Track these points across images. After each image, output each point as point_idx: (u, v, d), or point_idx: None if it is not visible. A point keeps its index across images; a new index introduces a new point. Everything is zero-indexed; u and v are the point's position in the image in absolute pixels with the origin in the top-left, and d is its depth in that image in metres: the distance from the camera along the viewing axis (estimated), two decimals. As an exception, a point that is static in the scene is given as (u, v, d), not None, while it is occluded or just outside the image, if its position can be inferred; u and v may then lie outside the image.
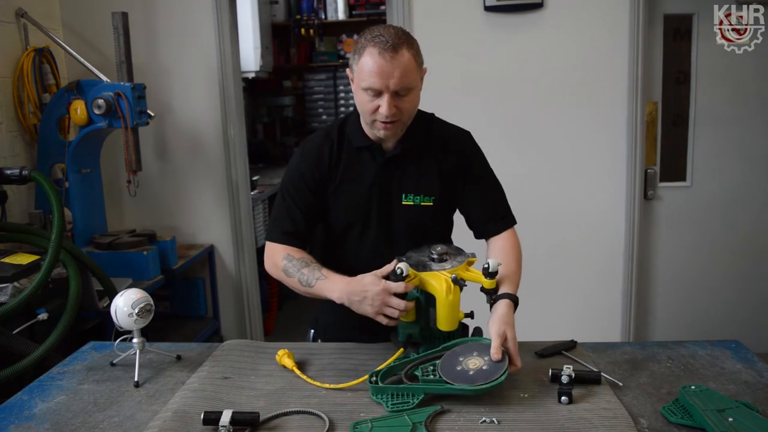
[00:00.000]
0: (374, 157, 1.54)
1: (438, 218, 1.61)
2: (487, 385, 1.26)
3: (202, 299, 3.35)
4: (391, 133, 1.48)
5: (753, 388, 1.32)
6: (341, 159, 1.55)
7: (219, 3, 3.09)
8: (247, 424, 1.20)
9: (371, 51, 1.38)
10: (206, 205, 3.30)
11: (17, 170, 2.47)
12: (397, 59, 1.37)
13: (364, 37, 1.42)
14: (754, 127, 3.06)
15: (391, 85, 1.39)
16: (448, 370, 1.32)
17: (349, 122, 1.58)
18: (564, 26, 2.96)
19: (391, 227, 1.56)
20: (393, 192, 1.55)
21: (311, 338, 1.77)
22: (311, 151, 1.56)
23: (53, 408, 1.34)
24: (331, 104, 5.65)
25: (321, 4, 5.47)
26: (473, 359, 1.33)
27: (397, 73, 1.38)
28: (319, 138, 1.58)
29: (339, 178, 1.54)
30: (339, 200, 1.55)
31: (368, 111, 1.44)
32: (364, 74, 1.40)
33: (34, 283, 2.16)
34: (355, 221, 1.56)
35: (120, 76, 2.77)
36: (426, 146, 1.56)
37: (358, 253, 1.58)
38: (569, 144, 3.05)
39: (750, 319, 3.18)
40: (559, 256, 3.13)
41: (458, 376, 1.29)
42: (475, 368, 1.30)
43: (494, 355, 1.30)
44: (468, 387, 1.27)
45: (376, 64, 1.38)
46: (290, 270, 1.49)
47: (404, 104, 1.43)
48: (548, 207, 3.09)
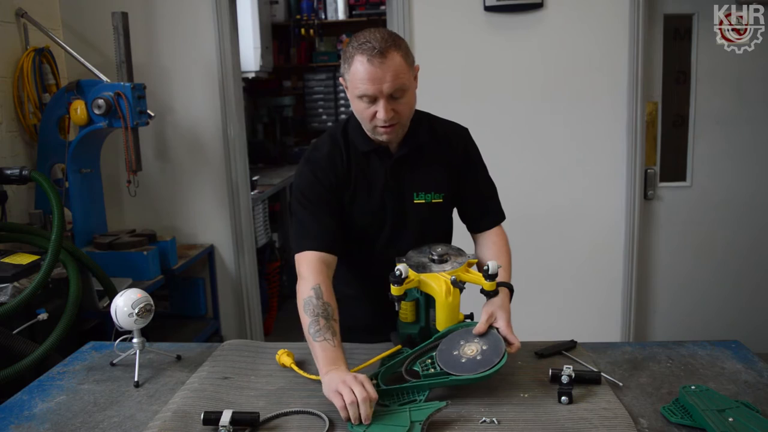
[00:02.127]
0: (382, 160, 1.54)
1: (446, 214, 1.64)
2: (489, 372, 1.27)
3: (202, 299, 3.35)
4: (393, 136, 1.48)
5: (753, 388, 1.32)
6: (351, 165, 1.54)
7: (219, 3, 3.08)
8: (247, 424, 1.20)
9: (360, 59, 1.38)
10: (206, 205, 3.30)
11: (17, 170, 2.48)
12: (386, 63, 1.37)
13: (352, 45, 1.41)
14: (755, 127, 3.06)
15: (385, 90, 1.38)
16: (447, 360, 1.32)
17: (350, 127, 1.57)
18: (564, 26, 2.95)
19: (404, 227, 1.58)
20: (405, 192, 1.56)
21: None
22: (323, 158, 1.54)
23: (53, 408, 1.34)
24: (331, 104, 5.65)
25: (321, 4, 5.47)
26: (469, 345, 1.34)
27: (389, 76, 1.37)
28: (327, 145, 1.56)
29: (353, 184, 1.54)
30: (354, 206, 1.55)
31: (367, 118, 1.44)
32: (356, 82, 1.40)
33: (34, 283, 2.16)
34: (370, 225, 1.57)
35: (120, 76, 2.76)
36: (430, 144, 1.58)
37: (369, 255, 1.59)
38: (569, 144, 3.04)
39: (750, 319, 3.18)
40: (559, 256, 3.13)
41: (458, 365, 1.30)
42: (472, 355, 1.31)
43: (476, 329, 1.34)
44: (471, 376, 1.27)
45: (366, 71, 1.37)
46: (307, 310, 1.37)
47: (401, 106, 1.43)
48: (548, 207, 3.09)
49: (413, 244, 1.53)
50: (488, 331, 1.35)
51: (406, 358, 1.37)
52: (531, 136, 3.05)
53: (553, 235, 3.11)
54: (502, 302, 1.40)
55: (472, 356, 1.31)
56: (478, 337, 1.35)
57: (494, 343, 1.32)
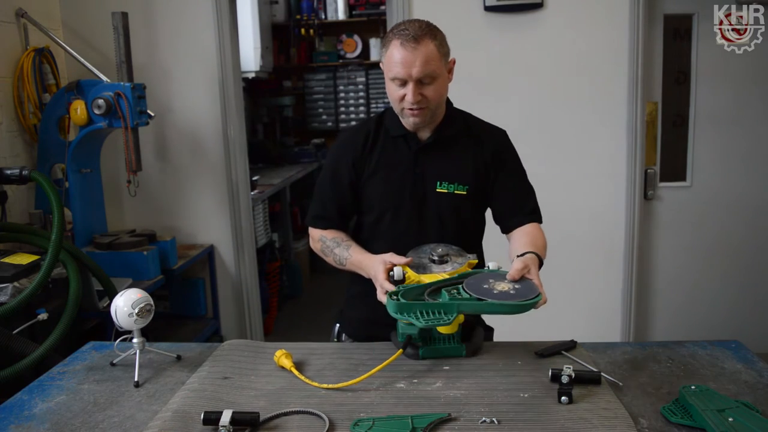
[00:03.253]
0: (409, 145, 1.61)
1: (469, 209, 1.64)
2: (527, 302, 1.26)
3: (202, 299, 3.35)
4: (420, 120, 1.54)
5: (753, 388, 1.32)
6: (376, 146, 1.62)
7: (219, 3, 3.09)
8: (247, 424, 1.20)
9: (395, 43, 1.48)
10: (206, 205, 3.30)
11: (17, 170, 2.48)
12: (419, 49, 1.46)
13: (392, 31, 1.51)
14: (755, 127, 3.06)
15: (414, 74, 1.46)
16: (478, 290, 1.31)
17: (387, 114, 1.65)
18: (564, 26, 2.95)
19: (424, 214, 1.60)
20: (427, 179, 1.60)
21: (336, 333, 1.79)
22: (347, 138, 1.67)
23: (53, 408, 1.34)
24: (331, 104, 5.65)
25: (321, 4, 5.48)
26: (500, 284, 1.33)
27: (419, 62, 1.46)
28: (356, 127, 1.71)
29: (374, 163, 1.61)
30: (374, 186, 1.61)
31: (396, 99, 1.52)
32: (390, 65, 1.49)
33: (34, 283, 2.16)
34: (388, 207, 1.61)
35: (120, 76, 2.76)
36: (461, 138, 1.62)
37: (388, 240, 1.59)
38: (569, 144, 3.05)
39: (750, 319, 3.18)
40: (559, 256, 3.11)
41: (491, 295, 1.28)
42: (505, 290, 1.30)
43: (510, 274, 1.35)
44: (509, 302, 1.26)
45: (399, 55, 1.47)
46: (325, 251, 1.65)
47: (429, 92, 1.50)
48: (548, 207, 3.03)
49: (436, 235, 1.56)
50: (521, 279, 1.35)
51: (427, 286, 1.36)
52: (531, 136, 3.04)
53: (552, 235, 3.07)
54: (532, 262, 1.41)
55: (505, 290, 1.30)
56: (510, 281, 1.34)
57: (528, 285, 1.32)
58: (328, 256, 1.63)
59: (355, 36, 5.54)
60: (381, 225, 1.62)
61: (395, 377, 1.39)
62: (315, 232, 1.69)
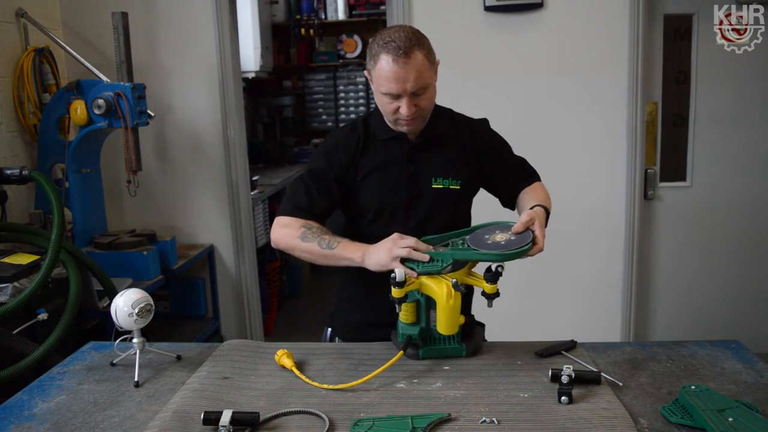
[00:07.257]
0: (400, 146, 1.60)
1: (462, 202, 1.67)
2: (503, 253, 1.35)
3: (202, 299, 3.35)
4: (414, 128, 1.55)
5: (753, 388, 1.32)
6: (367, 150, 1.61)
7: (219, 3, 3.08)
8: (247, 424, 1.20)
9: (385, 58, 1.44)
10: (206, 205, 3.30)
11: (17, 170, 2.48)
12: (410, 63, 1.43)
13: (377, 43, 1.47)
14: (755, 127, 3.06)
15: (409, 88, 1.45)
16: (476, 241, 1.41)
17: (372, 118, 1.64)
18: (564, 26, 2.95)
19: (420, 211, 1.60)
20: (422, 176, 1.60)
21: (328, 336, 1.77)
22: (339, 140, 1.62)
23: (53, 408, 1.34)
24: (331, 104, 5.65)
25: (321, 4, 5.48)
26: (502, 234, 1.42)
27: (413, 76, 1.44)
28: (346, 129, 1.66)
29: (368, 165, 1.60)
30: (368, 188, 1.60)
31: (390, 112, 1.52)
32: (381, 80, 1.47)
33: (34, 283, 2.16)
34: (385, 207, 1.60)
35: (120, 76, 2.76)
36: (450, 134, 1.63)
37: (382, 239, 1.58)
38: (569, 144, 3.04)
39: (750, 319, 3.18)
40: (559, 256, 3.12)
41: (483, 245, 1.38)
42: (500, 240, 1.40)
43: (514, 228, 1.41)
44: (491, 252, 1.36)
45: (391, 71, 1.44)
46: (309, 235, 1.51)
47: (422, 102, 1.50)
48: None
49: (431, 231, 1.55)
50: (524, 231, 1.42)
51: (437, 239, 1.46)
52: (531, 136, 3.03)
53: (552, 235, 3.08)
54: (539, 214, 1.46)
55: (498, 241, 1.39)
56: (514, 233, 1.42)
57: (523, 237, 1.40)
58: (310, 241, 1.49)
59: (355, 36, 5.55)
60: (375, 225, 1.61)
61: (395, 377, 1.39)
62: (292, 221, 1.54)
